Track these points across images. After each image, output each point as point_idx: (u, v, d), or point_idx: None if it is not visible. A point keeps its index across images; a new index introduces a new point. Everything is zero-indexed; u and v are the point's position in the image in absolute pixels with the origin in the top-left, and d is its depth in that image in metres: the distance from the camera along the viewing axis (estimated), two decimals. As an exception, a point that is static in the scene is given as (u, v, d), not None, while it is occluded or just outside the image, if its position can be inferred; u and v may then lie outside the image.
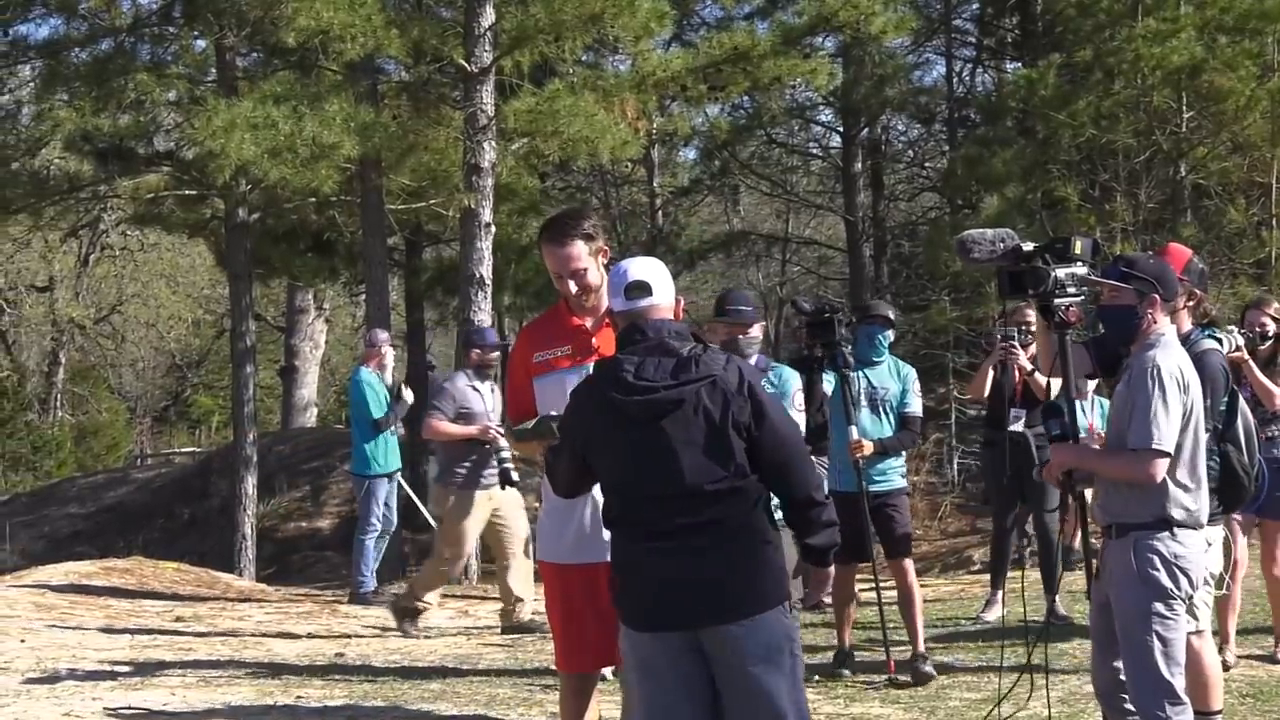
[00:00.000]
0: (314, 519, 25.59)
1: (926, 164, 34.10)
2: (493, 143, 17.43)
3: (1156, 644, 6.00)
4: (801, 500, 5.31)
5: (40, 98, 20.88)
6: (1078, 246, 6.38)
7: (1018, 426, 11.01)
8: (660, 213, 33.52)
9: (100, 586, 15.72)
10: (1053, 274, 6.30)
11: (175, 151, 22.82)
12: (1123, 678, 6.20)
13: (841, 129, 31.46)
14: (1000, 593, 11.76)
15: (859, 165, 30.94)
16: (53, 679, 10.05)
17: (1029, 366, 10.97)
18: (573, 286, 5.93)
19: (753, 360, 8.45)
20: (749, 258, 41.18)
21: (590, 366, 5.81)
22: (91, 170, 22.25)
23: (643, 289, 5.39)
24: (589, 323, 6.00)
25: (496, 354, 12.29)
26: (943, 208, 30.17)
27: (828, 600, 10.10)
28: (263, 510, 23.20)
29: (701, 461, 5.13)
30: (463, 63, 17.22)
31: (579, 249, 5.90)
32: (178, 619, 13.65)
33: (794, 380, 8.77)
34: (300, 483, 26.73)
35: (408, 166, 19.39)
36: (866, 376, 9.66)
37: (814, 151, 35.89)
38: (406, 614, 12.33)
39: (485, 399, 11.79)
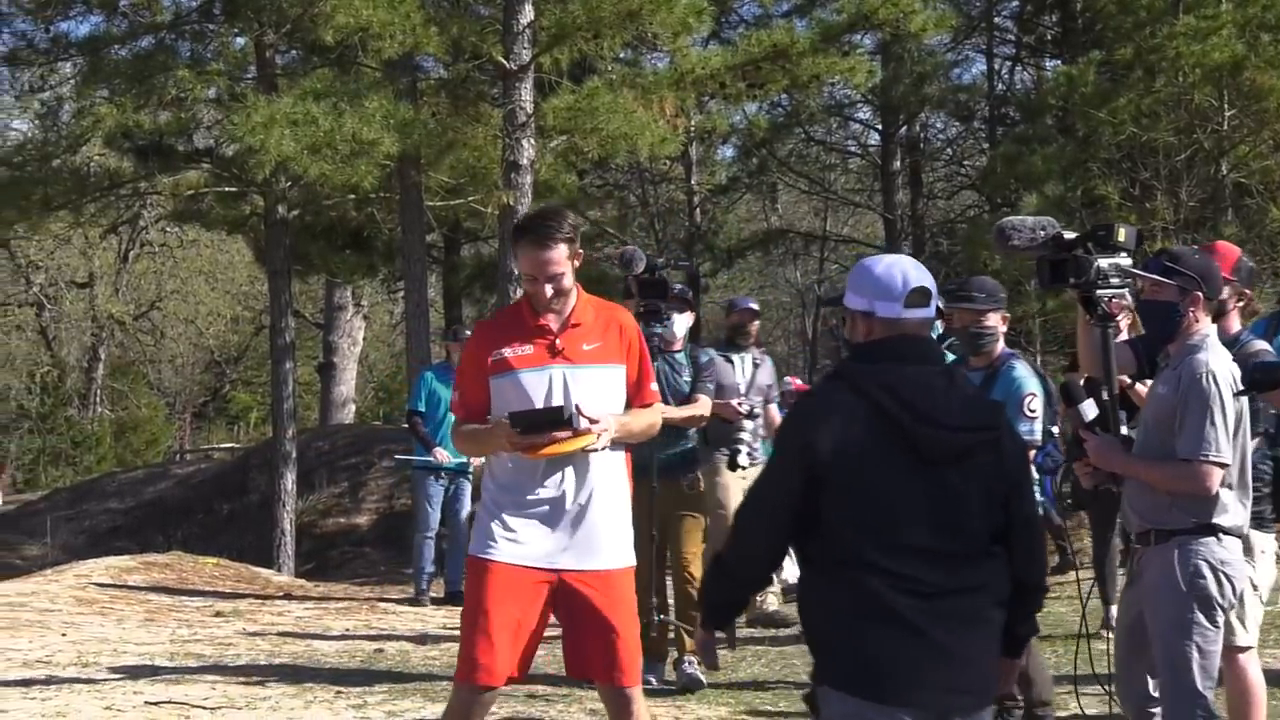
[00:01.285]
0: (352, 515, 25.64)
1: (965, 162, 33.98)
2: (531, 140, 17.45)
3: (1195, 655, 5.68)
4: (1034, 585, 4.57)
5: (81, 94, 20.96)
6: (1121, 234, 6.03)
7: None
8: (698, 210, 33.48)
9: (140, 581, 15.80)
10: (1095, 264, 5.96)
11: (215, 148, 22.92)
12: (1153, 691, 5.91)
13: (880, 127, 31.42)
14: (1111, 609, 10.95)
15: (897, 163, 30.88)
16: (94, 673, 10.11)
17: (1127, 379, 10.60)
18: (549, 290, 5.75)
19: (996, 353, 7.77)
20: (787, 256, 41.17)
21: (553, 370, 5.74)
22: (131, 167, 22.34)
23: (925, 296, 4.51)
24: (554, 323, 5.82)
25: (757, 323, 11.60)
26: (982, 206, 30.08)
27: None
28: (301, 506, 23.25)
29: (983, 520, 4.36)
30: (501, 60, 17.24)
31: (560, 253, 5.73)
32: (217, 614, 13.71)
33: (1028, 384, 7.73)
34: (339, 479, 26.77)
35: (446, 163, 19.41)
36: None
37: (852, 149, 35.82)
38: (761, 622, 11.69)
39: (737, 370, 11.10)
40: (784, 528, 4.37)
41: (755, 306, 10.87)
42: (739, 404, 10.56)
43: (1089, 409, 6.04)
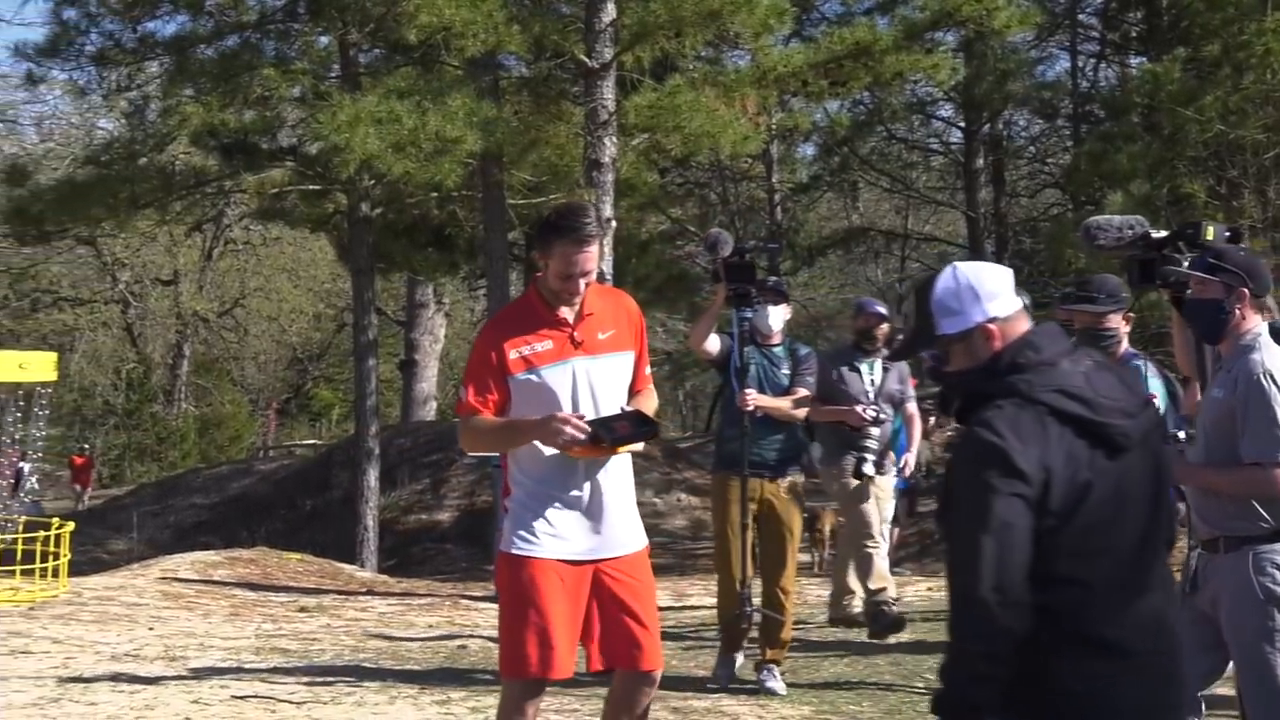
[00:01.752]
0: (434, 512, 25.77)
1: (1049, 160, 33.76)
2: (613, 138, 17.44)
3: (1279, 659, 5.48)
4: None
5: (167, 93, 21.15)
6: (1209, 233, 5.89)
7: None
8: (779, 209, 33.45)
9: (226, 576, 15.93)
10: (1184, 263, 5.84)
11: (298, 146, 23.07)
12: (1197, 694, 5.64)
13: (963, 124, 31.27)
14: None
15: (980, 161, 30.73)
16: (181, 667, 10.20)
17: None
18: (581, 286, 5.70)
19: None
20: (868, 254, 41.07)
21: (575, 362, 5.70)
22: (216, 165, 22.56)
23: (1007, 281, 4.00)
24: (569, 315, 5.77)
25: (885, 326, 10.91)
26: (1065, 204, 29.87)
27: None
28: (383, 503, 23.39)
29: (1167, 509, 3.92)
30: (584, 58, 17.25)
31: (594, 249, 5.72)
32: (302, 609, 13.80)
33: (1150, 384, 7.24)
34: (420, 476, 26.92)
35: (529, 161, 19.47)
36: None
37: (934, 147, 35.68)
38: (844, 622, 11.28)
39: (864, 377, 10.66)
40: (1027, 562, 3.61)
41: (884, 310, 10.56)
42: (864, 410, 10.28)
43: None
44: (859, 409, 10.28)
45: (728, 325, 9.21)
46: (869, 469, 10.16)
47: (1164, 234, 5.99)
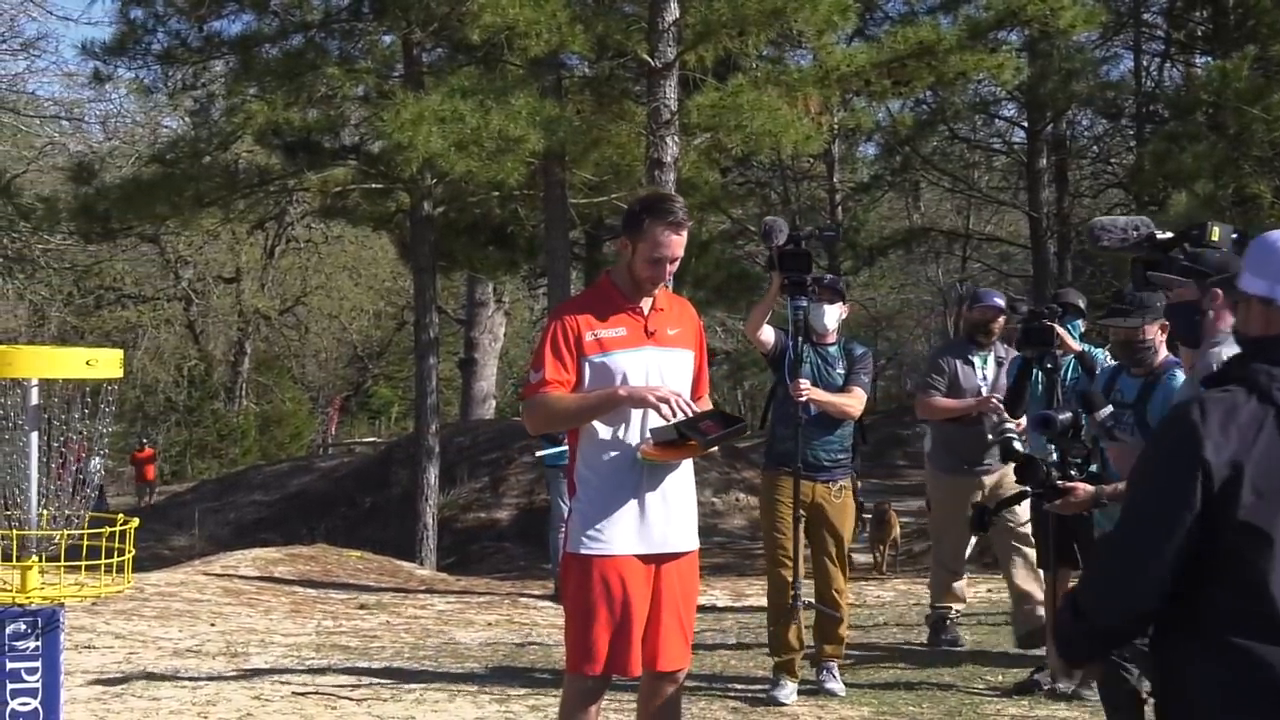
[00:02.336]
0: (493, 510, 25.81)
1: (1113, 160, 33.56)
2: (675, 137, 17.44)
3: None
4: None
5: (232, 92, 21.28)
6: (1215, 234, 5.47)
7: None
8: (840, 208, 33.38)
9: (286, 573, 16.01)
10: None
11: (361, 145, 23.18)
12: None
13: (1026, 124, 31.09)
14: None
15: (1043, 161, 30.55)
16: (242, 663, 10.26)
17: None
18: (667, 271, 5.78)
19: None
20: (929, 254, 40.94)
21: (648, 351, 5.73)
22: (280, 164, 22.68)
23: None
24: (644, 306, 5.83)
25: (1000, 320, 10.50)
26: (1129, 204, 29.67)
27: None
28: (443, 501, 23.45)
29: None
30: (646, 58, 17.25)
31: (684, 238, 5.80)
32: (361, 606, 13.86)
33: None
34: (479, 474, 26.97)
35: (591, 160, 19.48)
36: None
37: (997, 147, 35.51)
38: (937, 628, 10.94)
39: (978, 371, 10.37)
40: (1180, 555, 3.36)
41: (1000, 302, 10.28)
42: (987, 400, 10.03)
43: (1108, 418, 5.70)
44: (993, 398, 10.01)
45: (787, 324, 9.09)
46: (1020, 446, 9.62)
47: (1170, 235, 5.81)
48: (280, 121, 20.13)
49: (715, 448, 5.84)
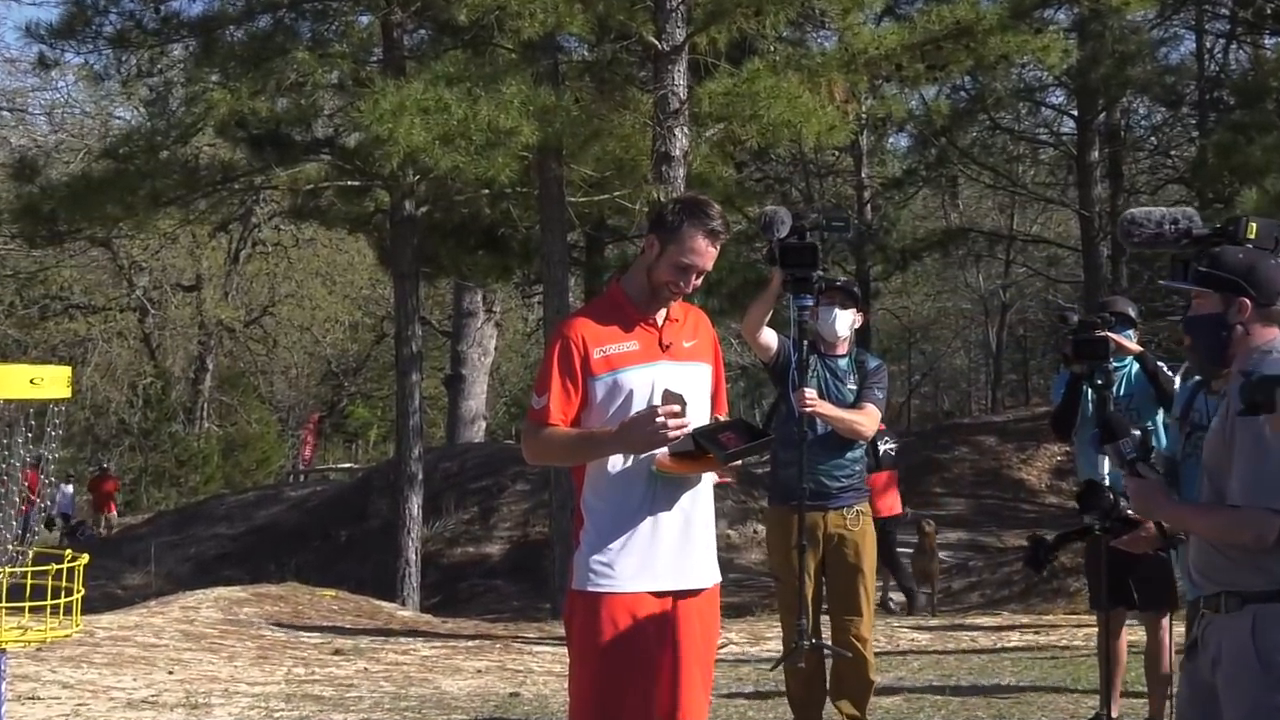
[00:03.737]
0: (483, 544, 25.84)
1: (1172, 152, 33.59)
2: (685, 128, 17.44)
3: None
4: None
5: (192, 79, 21.32)
6: (1253, 230, 5.40)
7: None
8: (869, 206, 33.40)
9: (253, 615, 16.01)
10: None
11: (336, 138, 23.19)
12: None
13: (1075, 113, 31.14)
14: None
15: (1095, 154, 30.58)
16: (204, 714, 10.25)
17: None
18: (692, 283, 5.77)
19: None
20: (968, 257, 41.00)
21: (660, 366, 5.70)
22: (245, 159, 22.71)
23: None
24: (659, 317, 5.81)
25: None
26: (1191, 201, 29.67)
27: None
28: (427, 534, 23.46)
29: None
30: (652, 40, 17.27)
31: (716, 251, 5.81)
32: (336, 652, 13.85)
33: None
34: (468, 504, 27.00)
35: (591, 155, 19.48)
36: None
37: (1044, 138, 35.57)
38: None
39: None
40: None
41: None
42: None
43: (1128, 446, 5.55)
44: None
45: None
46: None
47: (1208, 230, 5.64)
48: (245, 112, 20.16)
49: (737, 463, 5.78)
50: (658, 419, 5.50)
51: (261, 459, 49.13)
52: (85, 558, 5.57)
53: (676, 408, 5.54)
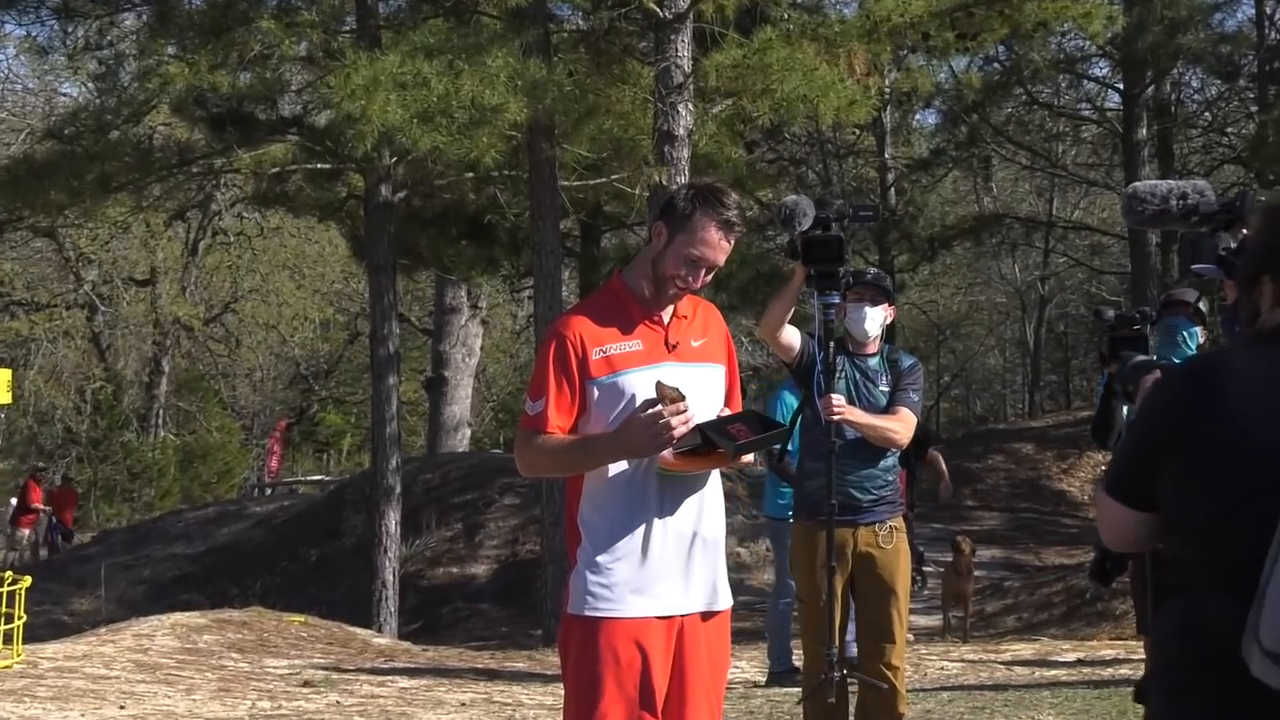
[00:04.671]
0: (467, 564, 25.84)
1: (1228, 129, 33.61)
2: (689, 104, 17.46)
3: None
4: None
5: (145, 52, 21.29)
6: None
7: None
8: (893, 190, 33.44)
9: (213, 643, 16.01)
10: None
11: (304, 117, 23.21)
12: None
13: (1121, 86, 31.14)
14: None
15: (1142, 131, 30.58)
16: (160, 754, 10.26)
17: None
18: (700, 279, 5.75)
19: None
20: (1003, 246, 41.01)
21: (665, 368, 5.66)
22: (204, 140, 22.70)
23: None
24: (665, 313, 5.80)
25: None
26: (1249, 183, 29.70)
27: None
28: (406, 553, 23.46)
29: None
30: (653, 7, 17.28)
31: (730, 245, 5.80)
32: (306, 684, 13.85)
33: None
34: (451, 520, 27.01)
35: (586, 134, 19.50)
36: None
37: (1086, 114, 35.56)
38: None
39: None
40: None
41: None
42: None
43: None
44: None
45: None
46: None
47: (1216, 207, 5.55)
48: (204, 88, 20.15)
49: (749, 456, 5.75)
50: (660, 420, 5.49)
51: (223, 471, 49.16)
52: (27, 580, 5.57)
53: (680, 405, 5.53)
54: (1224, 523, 3.84)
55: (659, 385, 5.53)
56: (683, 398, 5.54)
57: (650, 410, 5.49)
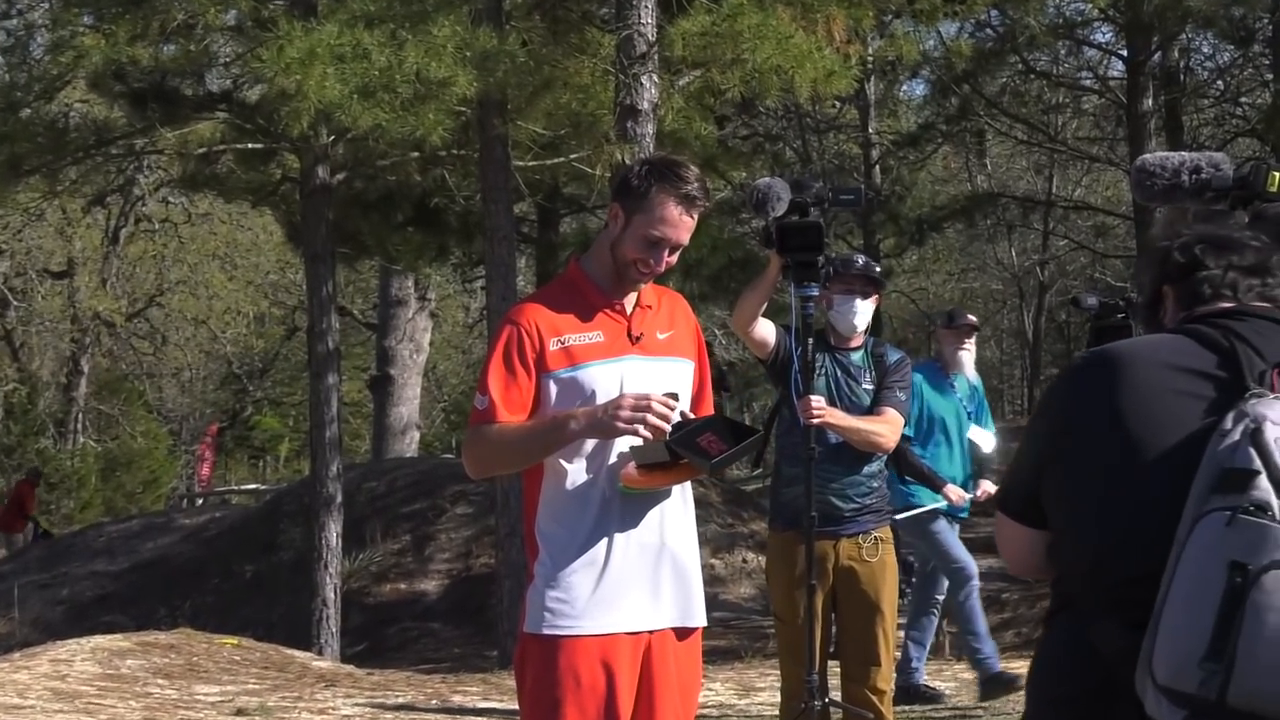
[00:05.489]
0: (416, 579, 25.83)
1: (1242, 99, 33.72)
2: (654, 76, 17.46)
3: None
4: None
5: (58, 22, 21.26)
6: (1274, 182, 5.30)
7: None
8: (878, 168, 33.49)
9: (138, 668, 15.99)
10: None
11: (234, 92, 23.18)
12: None
13: (1125, 53, 31.20)
14: None
15: (1149, 102, 30.64)
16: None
17: None
18: (663, 261, 5.74)
19: None
20: (998, 228, 41.10)
21: (628, 361, 5.69)
22: (124, 118, 22.64)
23: None
24: (628, 302, 5.82)
25: None
26: (1265, 158, 29.75)
27: None
28: (349, 568, 23.45)
29: None
30: (614, -31, 17.29)
31: (693, 221, 5.78)
32: (239, 712, 13.85)
33: None
34: (398, 531, 27.00)
35: (541, 109, 19.49)
36: None
37: (1087, 84, 35.63)
38: None
39: None
40: None
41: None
42: None
43: None
44: None
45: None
46: None
47: (1230, 182, 5.47)
48: (124, 61, 20.10)
49: (722, 469, 5.75)
50: (648, 402, 5.49)
51: (149, 480, 49.08)
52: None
53: (672, 401, 5.52)
54: (1111, 533, 3.88)
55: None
56: (676, 398, 5.56)
57: (631, 398, 5.50)
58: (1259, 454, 3.64)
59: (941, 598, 13.65)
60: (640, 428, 5.51)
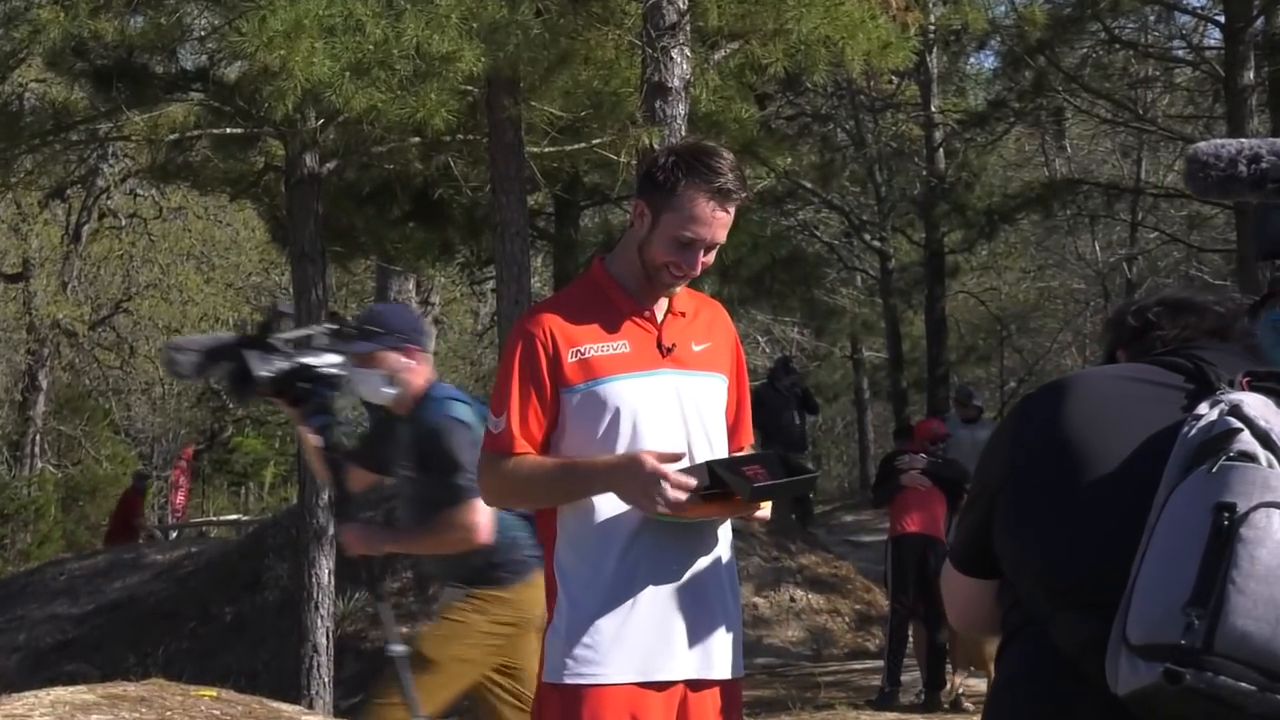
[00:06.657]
0: (419, 622, 25.87)
1: (1357, 71, 33.64)
2: (686, 50, 17.48)
3: None
4: None
5: (12, -8, 21.36)
6: None
7: None
8: (941, 151, 33.49)
9: (104, 723, 16.05)
10: None
11: (210, 70, 23.22)
12: None
13: (1223, 19, 31.17)
14: None
15: (1249, 75, 30.61)
16: None
17: None
18: (698, 263, 5.70)
19: None
20: (1079, 219, 41.01)
21: (664, 376, 5.68)
22: (86, 100, 22.70)
23: None
24: (659, 309, 5.81)
25: None
26: (1382, 139, 29.77)
27: None
28: (342, 609, 23.48)
29: None
30: (640, -71, 17.33)
31: (729, 217, 5.73)
32: (219, 772, 13.90)
33: None
34: (399, 568, 27.03)
35: (558, 88, 19.51)
36: None
37: (1180, 54, 35.58)
38: None
39: None
40: None
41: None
42: None
43: None
44: None
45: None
46: None
47: None
48: (85, 36, 20.17)
49: (768, 504, 5.74)
50: (667, 481, 5.46)
51: (115, 511, 49.15)
52: None
53: (690, 480, 5.47)
54: (1073, 531, 4.00)
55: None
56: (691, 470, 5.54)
57: (659, 465, 5.46)
58: (1240, 419, 3.78)
59: None
60: (659, 506, 5.48)
